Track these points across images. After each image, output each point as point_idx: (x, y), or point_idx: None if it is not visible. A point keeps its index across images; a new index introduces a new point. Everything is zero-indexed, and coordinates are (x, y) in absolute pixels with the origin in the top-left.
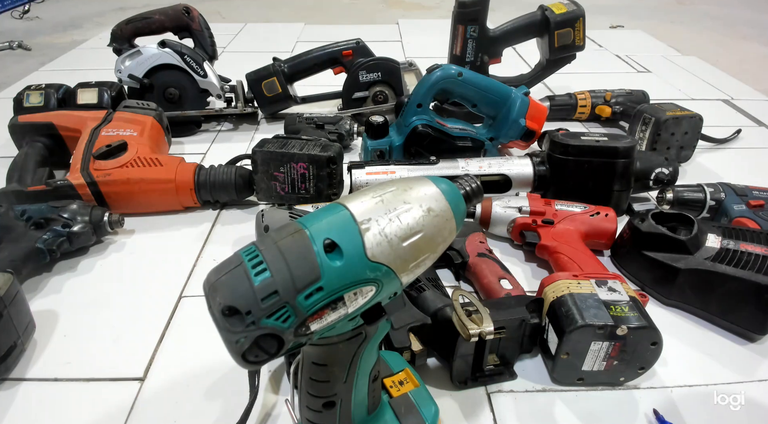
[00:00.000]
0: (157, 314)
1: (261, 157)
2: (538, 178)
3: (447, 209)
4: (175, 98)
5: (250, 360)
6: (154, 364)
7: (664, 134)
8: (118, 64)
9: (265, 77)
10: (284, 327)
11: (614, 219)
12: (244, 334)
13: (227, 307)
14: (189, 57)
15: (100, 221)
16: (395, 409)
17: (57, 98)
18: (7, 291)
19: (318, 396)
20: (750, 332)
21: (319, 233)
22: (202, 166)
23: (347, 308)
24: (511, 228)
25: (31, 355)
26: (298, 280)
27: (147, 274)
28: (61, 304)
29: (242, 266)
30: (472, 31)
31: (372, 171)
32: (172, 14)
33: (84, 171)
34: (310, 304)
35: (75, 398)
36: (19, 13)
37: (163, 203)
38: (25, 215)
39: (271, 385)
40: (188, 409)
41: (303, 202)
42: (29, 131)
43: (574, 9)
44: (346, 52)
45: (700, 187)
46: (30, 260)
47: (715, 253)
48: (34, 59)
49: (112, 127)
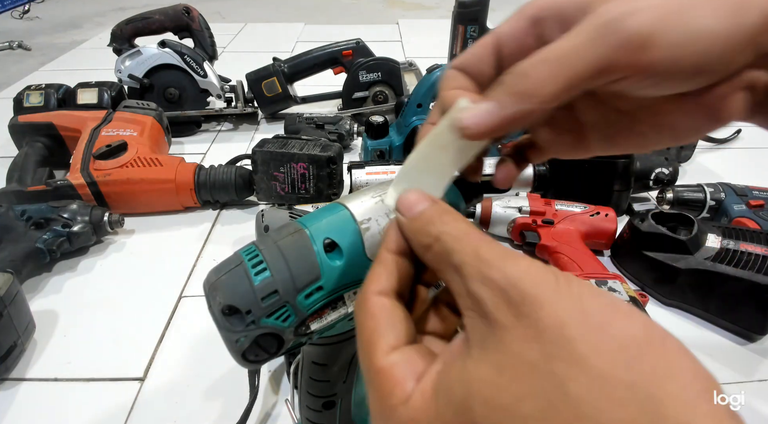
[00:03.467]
0: (157, 314)
1: (261, 157)
2: (538, 178)
3: None
4: (175, 98)
5: (250, 359)
6: (154, 364)
7: None
8: (118, 64)
9: (265, 77)
10: (284, 326)
11: (614, 219)
12: (244, 333)
13: (227, 306)
14: (189, 57)
15: (100, 220)
16: None
17: (57, 98)
18: (7, 291)
19: (318, 396)
20: (750, 332)
21: (319, 233)
22: (202, 166)
23: (347, 307)
24: (511, 228)
25: (31, 355)
26: (298, 279)
27: (147, 274)
28: (61, 304)
29: (242, 265)
30: (472, 31)
31: (372, 171)
32: (172, 14)
33: (84, 171)
34: (310, 303)
35: (75, 398)
36: (19, 13)
37: (163, 203)
38: (25, 215)
39: (271, 385)
40: (188, 409)
41: (303, 202)
42: (29, 131)
43: None
44: (346, 52)
45: (700, 187)
46: (30, 260)
47: (715, 253)
48: (34, 59)
49: (112, 127)
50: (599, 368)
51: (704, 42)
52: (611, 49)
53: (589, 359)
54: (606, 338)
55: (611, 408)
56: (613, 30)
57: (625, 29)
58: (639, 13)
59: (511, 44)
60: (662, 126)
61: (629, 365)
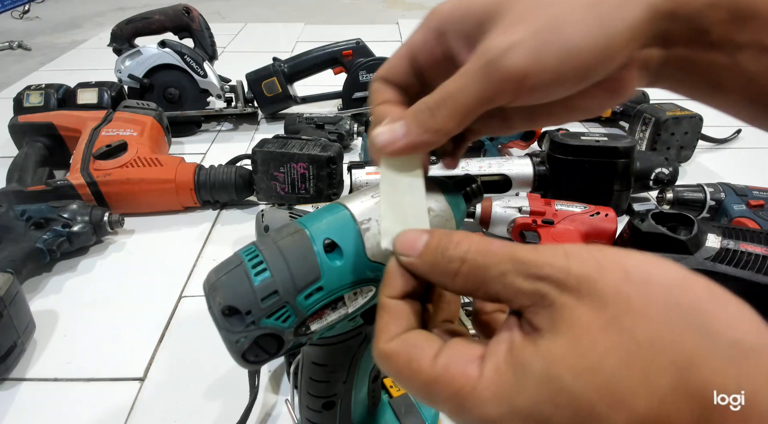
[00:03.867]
0: (157, 314)
1: (261, 157)
2: (538, 178)
3: (447, 209)
4: (175, 98)
5: (250, 360)
6: (154, 364)
7: (664, 134)
8: (118, 64)
9: (265, 77)
10: (284, 327)
11: (614, 219)
12: (244, 334)
13: (227, 307)
14: (189, 57)
15: (100, 220)
16: (395, 409)
17: (57, 98)
18: (7, 291)
19: (318, 396)
20: None
21: (319, 233)
22: (202, 166)
23: (347, 308)
24: (511, 228)
25: (31, 355)
26: (298, 280)
27: (147, 274)
28: (61, 304)
29: (242, 265)
30: None
31: (372, 171)
32: (172, 14)
33: (84, 171)
34: (310, 304)
35: (75, 398)
36: (19, 13)
37: (163, 203)
38: (25, 215)
39: (271, 385)
40: (188, 409)
41: (303, 202)
42: (29, 131)
43: None
44: (346, 52)
45: (700, 187)
46: (30, 260)
47: (715, 253)
48: (34, 59)
49: (112, 127)
50: (654, 311)
51: (579, 56)
52: (495, 84)
53: (647, 309)
54: (651, 287)
55: (674, 337)
56: (495, 69)
57: (504, 68)
58: (516, 47)
59: (423, 55)
60: (571, 107)
61: (678, 301)
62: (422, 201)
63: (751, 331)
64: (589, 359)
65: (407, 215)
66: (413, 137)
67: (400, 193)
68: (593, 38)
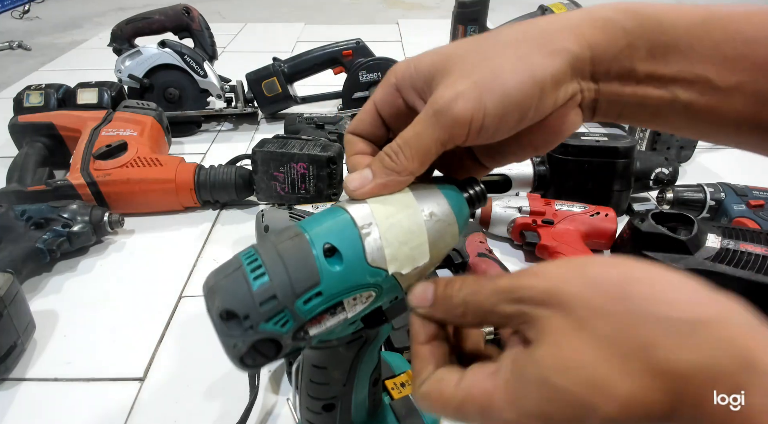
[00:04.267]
0: (157, 314)
1: (261, 157)
2: (538, 178)
3: (450, 214)
4: (175, 98)
5: (248, 364)
6: (154, 364)
7: (664, 134)
8: (118, 64)
9: (265, 77)
10: (282, 332)
11: (614, 219)
12: (241, 338)
13: (225, 311)
14: (189, 57)
15: (100, 220)
16: (396, 411)
17: (57, 98)
18: (7, 291)
19: (318, 398)
20: None
21: (318, 237)
22: (202, 166)
23: (347, 313)
24: (511, 228)
25: (31, 355)
26: (296, 284)
27: (147, 274)
28: (61, 304)
29: (241, 269)
30: (472, 31)
31: None
32: (172, 14)
33: (84, 171)
34: (308, 309)
35: (75, 398)
36: (19, 13)
37: (163, 203)
38: (25, 215)
39: (271, 385)
40: (188, 409)
41: (303, 202)
42: (29, 131)
43: (574, 9)
44: (346, 52)
45: (700, 187)
46: (30, 260)
47: (715, 253)
48: (34, 59)
49: (112, 127)
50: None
51: (515, 99)
52: (446, 129)
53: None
54: (606, 287)
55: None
56: (443, 116)
57: (451, 115)
58: (460, 97)
59: (386, 108)
60: (525, 144)
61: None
62: (418, 215)
63: (698, 309)
64: (570, 359)
65: (412, 252)
66: (379, 179)
67: (395, 211)
68: (524, 84)
